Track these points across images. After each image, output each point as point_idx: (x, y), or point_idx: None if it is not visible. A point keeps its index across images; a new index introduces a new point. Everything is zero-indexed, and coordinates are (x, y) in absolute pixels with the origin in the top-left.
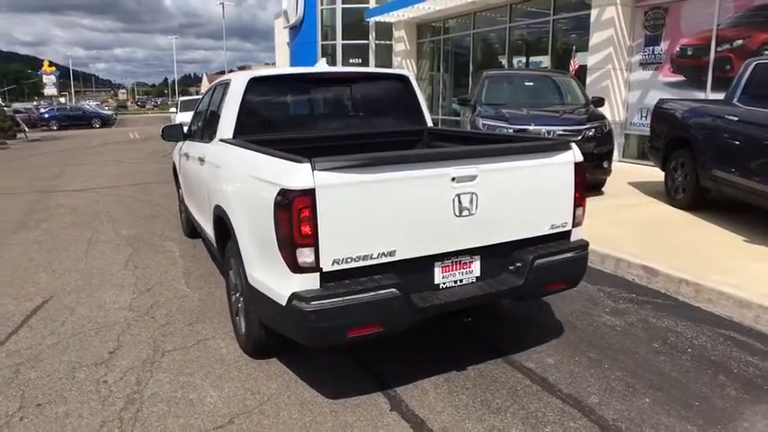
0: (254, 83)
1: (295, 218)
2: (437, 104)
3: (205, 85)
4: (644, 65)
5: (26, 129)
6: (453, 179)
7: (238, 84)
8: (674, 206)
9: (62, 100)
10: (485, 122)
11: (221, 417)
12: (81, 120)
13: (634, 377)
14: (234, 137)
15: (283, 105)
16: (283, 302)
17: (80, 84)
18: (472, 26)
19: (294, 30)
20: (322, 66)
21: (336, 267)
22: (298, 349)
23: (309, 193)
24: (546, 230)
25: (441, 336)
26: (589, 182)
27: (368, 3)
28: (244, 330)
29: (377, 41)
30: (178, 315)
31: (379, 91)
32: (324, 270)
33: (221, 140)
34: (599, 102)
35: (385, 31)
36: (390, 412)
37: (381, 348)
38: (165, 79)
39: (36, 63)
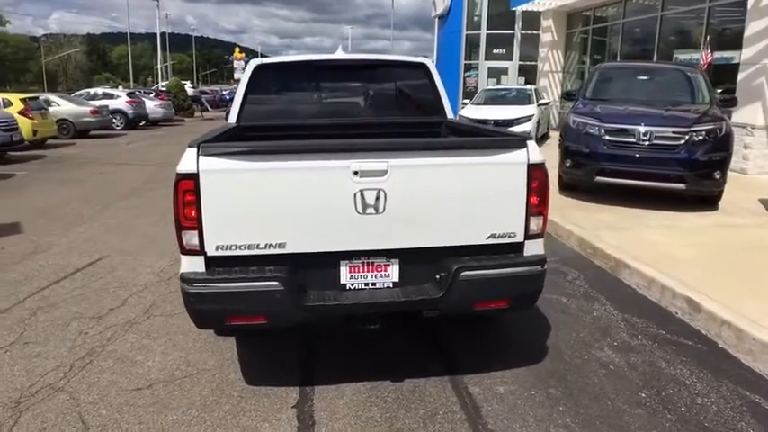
0: (260, 70)
1: (180, 201)
2: None
3: None
4: None
5: (209, 108)
6: (356, 173)
7: (246, 71)
8: None
9: None
10: (575, 119)
11: (146, 381)
12: None
13: (585, 428)
14: (237, 122)
15: (291, 93)
16: (179, 282)
17: None
18: (623, 15)
19: (442, 19)
20: (339, 54)
21: (221, 253)
22: (263, 332)
23: (193, 178)
24: (483, 240)
25: (403, 341)
26: (696, 194)
27: None
28: None
29: (522, 32)
30: None
31: (395, 79)
32: (208, 254)
33: (228, 125)
34: (729, 102)
35: (532, 20)
36: (291, 408)
37: (335, 345)
38: None
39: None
